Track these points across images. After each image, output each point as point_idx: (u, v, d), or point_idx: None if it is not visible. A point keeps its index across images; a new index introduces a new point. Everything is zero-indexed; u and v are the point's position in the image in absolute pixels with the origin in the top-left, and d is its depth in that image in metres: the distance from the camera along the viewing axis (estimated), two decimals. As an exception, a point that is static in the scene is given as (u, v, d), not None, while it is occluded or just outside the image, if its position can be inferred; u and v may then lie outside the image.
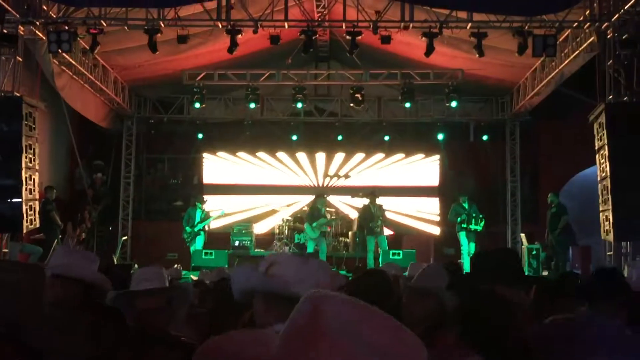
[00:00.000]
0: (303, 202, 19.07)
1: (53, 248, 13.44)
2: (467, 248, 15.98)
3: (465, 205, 16.31)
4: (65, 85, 14.76)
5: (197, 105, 17.65)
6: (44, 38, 12.92)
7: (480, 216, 16.18)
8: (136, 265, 16.55)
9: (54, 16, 13.11)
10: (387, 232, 16.64)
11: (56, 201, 15.12)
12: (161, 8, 13.13)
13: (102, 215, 17.83)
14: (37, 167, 13.11)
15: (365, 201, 16.45)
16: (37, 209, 13.19)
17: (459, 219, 16.21)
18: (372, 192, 16.51)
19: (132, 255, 18.30)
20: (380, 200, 16.48)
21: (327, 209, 17.60)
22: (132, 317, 3.47)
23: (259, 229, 18.50)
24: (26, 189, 12.60)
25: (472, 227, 16.03)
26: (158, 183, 20.18)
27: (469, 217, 16.07)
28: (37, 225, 13.30)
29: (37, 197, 13.24)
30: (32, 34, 13.06)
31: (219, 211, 17.43)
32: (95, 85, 16.03)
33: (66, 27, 12.87)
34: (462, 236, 16.16)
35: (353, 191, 19.02)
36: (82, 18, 13.24)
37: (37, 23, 12.93)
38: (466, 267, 14.55)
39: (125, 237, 18.65)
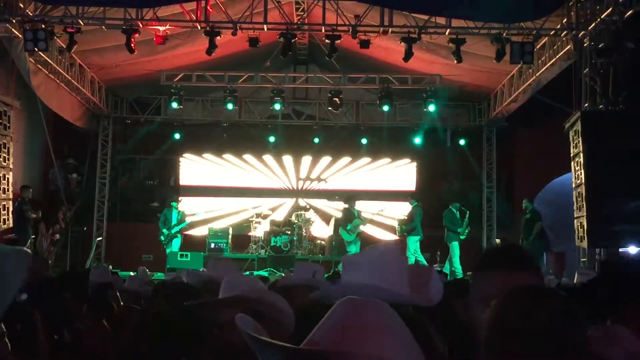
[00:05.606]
0: (280, 204, 19.09)
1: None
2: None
3: (458, 215, 16.19)
4: (41, 84, 14.58)
5: (175, 106, 17.48)
6: (20, 36, 12.77)
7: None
8: (110, 267, 16.42)
9: (31, 14, 12.97)
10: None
11: (31, 201, 14.93)
12: (140, 8, 13.05)
13: (76, 216, 17.63)
14: (11, 166, 12.96)
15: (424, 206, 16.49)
16: (11, 208, 13.02)
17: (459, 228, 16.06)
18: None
19: (106, 257, 18.14)
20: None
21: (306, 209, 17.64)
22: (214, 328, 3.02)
23: (236, 231, 18.41)
24: (0, 188, 12.45)
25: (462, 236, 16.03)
26: (134, 184, 19.98)
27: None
28: (10, 225, 13.13)
29: (11, 196, 13.08)
30: (8, 32, 12.86)
31: (195, 215, 17.33)
32: (71, 85, 15.86)
33: (43, 26, 12.74)
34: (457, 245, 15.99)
35: (329, 194, 19.02)
36: (59, 17, 13.11)
37: (14, 21, 12.76)
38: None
39: (100, 239, 18.46)
